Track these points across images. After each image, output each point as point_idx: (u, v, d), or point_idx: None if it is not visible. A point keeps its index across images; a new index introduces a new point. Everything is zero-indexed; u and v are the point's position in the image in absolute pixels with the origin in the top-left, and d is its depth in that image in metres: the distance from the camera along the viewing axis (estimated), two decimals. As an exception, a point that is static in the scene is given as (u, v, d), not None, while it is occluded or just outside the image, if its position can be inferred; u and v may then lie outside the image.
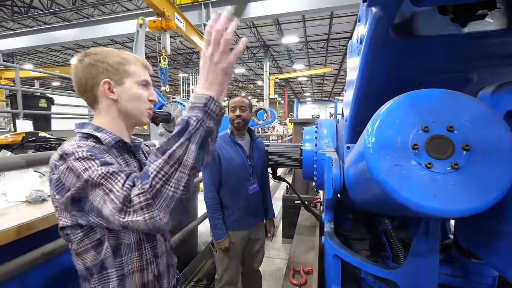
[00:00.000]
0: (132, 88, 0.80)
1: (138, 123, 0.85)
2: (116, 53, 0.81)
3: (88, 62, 0.77)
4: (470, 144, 0.59)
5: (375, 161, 0.65)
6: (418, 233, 1.00)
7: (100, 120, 0.80)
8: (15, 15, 11.99)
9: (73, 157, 0.66)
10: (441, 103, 0.64)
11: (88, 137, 0.77)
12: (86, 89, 0.78)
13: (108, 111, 0.80)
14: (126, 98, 0.80)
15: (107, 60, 0.77)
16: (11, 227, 0.89)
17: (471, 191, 0.57)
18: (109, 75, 0.77)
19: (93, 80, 0.77)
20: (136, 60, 0.83)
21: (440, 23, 0.85)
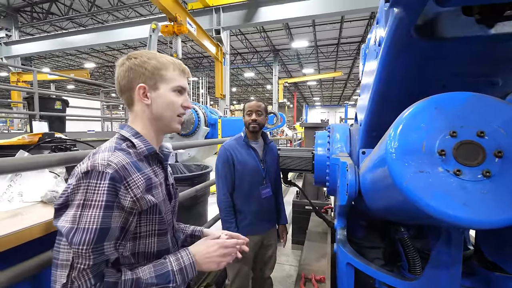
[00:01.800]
0: (165, 94, 0.81)
1: (168, 129, 0.86)
2: (156, 57, 0.81)
3: (128, 65, 0.79)
4: (503, 150, 0.56)
5: (398, 167, 0.62)
6: (438, 244, 0.95)
7: (136, 123, 0.82)
8: (34, 21, 12.46)
9: (94, 181, 0.66)
10: (470, 107, 0.61)
11: (125, 140, 0.78)
12: (124, 91, 0.81)
13: (142, 115, 0.81)
14: (159, 104, 0.80)
15: (145, 65, 0.79)
16: (26, 227, 0.90)
17: (505, 201, 0.54)
18: (145, 80, 0.79)
19: (130, 83, 0.79)
20: (174, 65, 0.83)
21: (465, 24, 0.82)
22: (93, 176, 0.67)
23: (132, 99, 0.81)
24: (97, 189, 0.66)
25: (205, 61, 19.31)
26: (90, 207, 0.65)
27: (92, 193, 0.66)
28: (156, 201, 0.77)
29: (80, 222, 0.64)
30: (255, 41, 16.18)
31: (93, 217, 0.65)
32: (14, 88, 7.28)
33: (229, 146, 1.72)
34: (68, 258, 0.63)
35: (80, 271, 0.63)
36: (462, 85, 0.97)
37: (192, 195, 1.99)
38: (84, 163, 0.70)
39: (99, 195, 0.66)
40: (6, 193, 1.05)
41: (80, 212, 0.64)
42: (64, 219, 0.65)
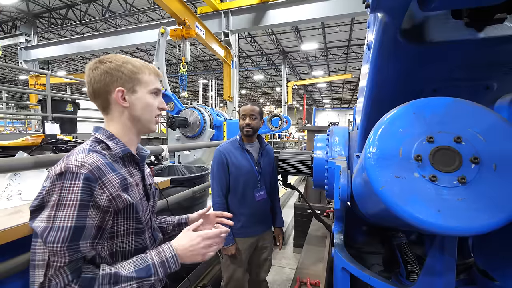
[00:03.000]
0: (143, 97, 0.83)
1: (146, 130, 0.88)
2: (130, 61, 0.83)
3: (103, 69, 0.79)
4: (480, 157, 0.55)
5: (375, 172, 0.62)
6: (432, 250, 0.93)
7: (112, 126, 0.83)
8: (52, 26, 12.98)
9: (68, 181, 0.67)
10: (449, 112, 0.60)
11: (100, 142, 0.79)
12: (99, 95, 0.81)
13: (120, 117, 0.82)
14: (137, 106, 0.82)
15: (121, 69, 0.80)
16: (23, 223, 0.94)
17: (481, 208, 0.53)
18: (123, 83, 0.80)
19: (107, 87, 0.79)
20: (148, 69, 0.85)
21: (453, 28, 0.81)
22: (67, 177, 0.68)
23: (108, 102, 0.81)
24: (72, 189, 0.67)
25: (214, 64, 19.51)
26: (64, 207, 0.66)
27: (67, 193, 0.67)
28: (132, 201, 0.78)
29: (54, 222, 0.65)
30: (264, 44, 16.23)
31: (67, 216, 0.65)
32: (28, 91, 7.58)
33: (224, 149, 1.74)
34: (44, 258, 0.64)
35: (57, 269, 0.64)
36: (454, 89, 0.95)
37: (189, 196, 2.02)
38: (58, 166, 0.71)
39: (74, 195, 0.67)
40: (5, 191, 1.10)
41: (54, 212, 0.65)
42: (39, 219, 0.66)
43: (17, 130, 16.92)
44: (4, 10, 11.82)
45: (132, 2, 11.55)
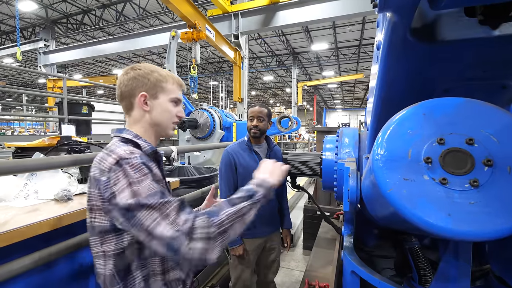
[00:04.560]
0: (163, 103, 0.90)
1: (163, 134, 0.94)
2: (157, 70, 0.90)
3: (132, 75, 0.87)
4: (493, 159, 0.53)
5: (383, 174, 0.61)
6: (446, 255, 0.90)
7: (134, 127, 0.89)
8: (68, 31, 13.45)
9: (129, 165, 0.72)
10: (460, 113, 0.58)
11: (127, 142, 0.83)
12: (125, 97, 0.88)
13: (141, 119, 0.89)
14: (156, 111, 0.89)
15: (148, 76, 0.87)
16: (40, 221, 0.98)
17: (494, 212, 0.51)
18: (147, 89, 0.87)
19: (132, 91, 0.87)
20: (173, 79, 0.92)
21: (467, 26, 0.78)
22: (125, 162, 0.72)
23: (131, 104, 0.88)
24: (135, 168, 0.72)
25: (224, 66, 19.65)
26: (139, 182, 0.70)
27: (134, 172, 0.71)
28: None
29: (140, 194, 0.69)
30: (274, 45, 16.22)
31: (147, 186, 0.71)
32: (47, 93, 7.88)
33: (232, 150, 1.75)
34: (156, 217, 0.68)
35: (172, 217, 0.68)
36: (467, 89, 0.92)
37: (198, 196, 2.04)
38: (106, 160, 0.74)
39: (140, 171, 0.72)
40: (22, 190, 1.15)
41: (135, 189, 0.69)
42: (123, 202, 0.68)
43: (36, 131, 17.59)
44: (25, 17, 12.34)
45: (144, 6, 11.81)
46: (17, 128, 19.98)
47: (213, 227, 0.70)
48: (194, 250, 0.67)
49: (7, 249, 0.95)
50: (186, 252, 0.66)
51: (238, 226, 0.76)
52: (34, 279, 1.09)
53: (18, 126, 20.61)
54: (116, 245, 0.76)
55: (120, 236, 0.76)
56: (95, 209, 0.76)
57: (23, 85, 24.07)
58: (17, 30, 8.70)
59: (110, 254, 0.76)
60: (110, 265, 0.77)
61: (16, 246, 0.96)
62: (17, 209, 1.12)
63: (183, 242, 0.66)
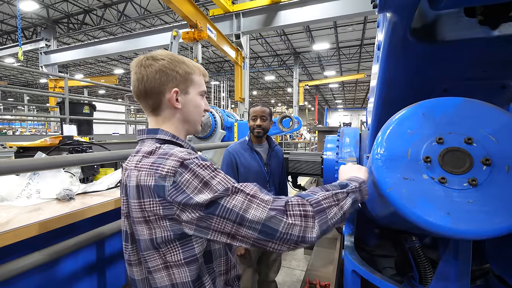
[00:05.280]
0: (194, 98, 0.82)
1: (193, 131, 0.87)
2: (184, 60, 0.81)
3: (158, 68, 0.76)
4: (492, 158, 0.53)
5: (383, 173, 0.61)
6: (446, 254, 0.91)
7: (165, 127, 0.80)
8: (70, 31, 13.50)
9: (195, 165, 0.67)
10: (459, 112, 0.59)
11: (164, 143, 0.76)
12: (151, 94, 0.77)
13: (171, 118, 0.80)
14: (189, 107, 0.81)
15: (176, 69, 0.77)
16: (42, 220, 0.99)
17: (492, 211, 0.51)
18: (178, 84, 0.78)
19: (162, 87, 0.76)
20: (199, 69, 0.84)
21: (466, 26, 0.79)
22: (189, 163, 0.66)
23: (160, 102, 0.78)
24: (203, 167, 0.67)
25: (226, 65, 19.65)
26: (213, 178, 0.66)
27: (202, 170, 0.66)
28: None
29: (218, 186, 0.65)
30: (275, 45, 16.22)
31: (222, 178, 0.67)
32: (48, 93, 7.91)
33: (233, 150, 1.76)
34: (243, 199, 0.64)
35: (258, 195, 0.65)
36: (467, 89, 0.92)
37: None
38: (165, 165, 0.67)
39: (209, 168, 0.67)
40: (25, 190, 1.17)
41: (210, 186, 0.64)
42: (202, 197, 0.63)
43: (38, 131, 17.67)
44: (26, 16, 12.39)
45: (146, 6, 11.83)
46: (18, 128, 20.08)
47: (309, 205, 0.65)
48: (294, 227, 0.62)
49: (9, 248, 0.96)
50: (285, 230, 0.61)
51: (336, 211, 0.69)
52: (35, 278, 1.10)
53: (19, 126, 20.72)
54: (184, 253, 0.69)
55: (189, 243, 0.70)
56: (153, 219, 0.68)
57: (24, 85, 24.17)
58: (19, 30, 8.73)
59: (177, 264, 0.70)
60: (176, 275, 0.70)
61: (18, 245, 0.97)
62: (20, 208, 1.13)
63: (281, 219, 0.62)
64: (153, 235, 0.69)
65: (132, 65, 0.78)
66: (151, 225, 0.68)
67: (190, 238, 0.69)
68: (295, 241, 0.62)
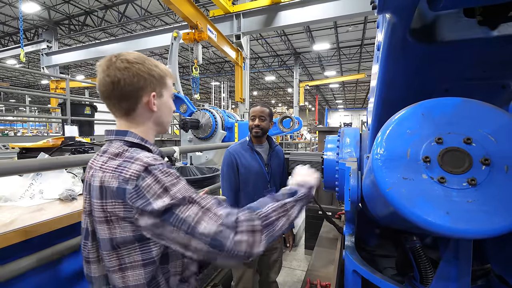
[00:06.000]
0: (168, 101, 0.85)
1: (163, 131, 0.90)
2: (156, 64, 0.81)
3: (135, 71, 0.75)
4: (491, 158, 0.54)
5: (382, 173, 0.62)
6: (446, 254, 0.91)
7: (136, 129, 0.80)
8: (71, 33, 13.55)
9: (159, 171, 0.67)
10: (458, 112, 0.59)
11: (132, 146, 0.76)
12: (127, 98, 0.77)
13: (145, 121, 0.81)
14: (163, 110, 0.83)
15: (152, 73, 0.78)
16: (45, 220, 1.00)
17: (491, 211, 0.52)
18: (154, 88, 0.79)
19: (140, 91, 0.77)
20: (169, 73, 0.86)
21: (465, 26, 0.79)
22: (153, 168, 0.67)
23: (136, 105, 0.78)
24: (166, 173, 0.68)
25: (226, 66, 19.68)
26: (174, 185, 0.66)
27: (165, 177, 0.67)
28: None
29: (176, 195, 0.65)
30: (275, 45, 16.23)
31: (183, 187, 0.68)
32: (49, 94, 7.94)
33: (233, 150, 1.77)
34: (196, 211, 0.64)
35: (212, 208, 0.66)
36: (467, 89, 0.93)
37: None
38: (130, 168, 0.68)
39: (171, 175, 0.68)
40: (28, 190, 1.18)
41: (171, 193, 0.65)
42: (159, 203, 0.64)
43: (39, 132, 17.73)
44: (28, 18, 12.44)
45: (146, 7, 11.87)
46: (20, 129, 20.14)
47: (258, 219, 0.67)
48: (241, 244, 0.64)
49: (12, 248, 0.97)
50: (232, 247, 0.63)
51: (284, 222, 0.73)
52: (37, 278, 1.11)
53: (21, 127, 20.79)
54: (143, 255, 0.71)
55: (148, 246, 0.71)
56: (114, 220, 0.69)
57: (26, 86, 24.25)
58: (21, 32, 8.76)
59: (134, 265, 0.70)
60: (134, 276, 0.71)
61: (22, 245, 0.98)
62: (23, 209, 1.13)
63: (228, 236, 0.63)
64: (113, 235, 0.70)
65: (101, 65, 0.76)
66: (112, 225, 0.69)
67: (148, 241, 0.71)
68: (243, 256, 0.65)
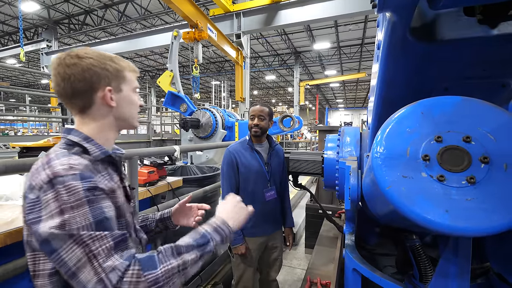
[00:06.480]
0: (128, 95, 0.80)
1: (129, 127, 0.85)
2: (111, 57, 0.77)
3: (86, 66, 0.71)
4: (490, 156, 0.54)
5: (382, 172, 0.62)
6: (446, 252, 0.91)
7: (87, 127, 0.75)
8: (71, 32, 13.54)
9: (63, 187, 0.60)
10: (457, 111, 0.59)
11: (74, 145, 0.72)
12: (79, 94, 0.72)
13: (102, 117, 0.77)
14: (123, 105, 0.79)
15: (106, 67, 0.74)
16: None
17: (490, 209, 0.52)
18: (110, 82, 0.75)
19: (91, 85, 0.72)
20: (129, 66, 0.82)
21: (465, 25, 0.79)
22: (59, 182, 0.61)
23: (91, 102, 0.74)
24: (70, 191, 0.60)
25: (227, 65, 19.67)
26: (72, 209, 0.60)
27: (68, 196, 0.60)
28: (118, 204, 0.73)
29: (70, 224, 0.59)
30: (276, 44, 16.21)
31: (82, 214, 0.60)
32: (50, 94, 7.94)
33: (233, 149, 1.77)
34: (80, 257, 0.58)
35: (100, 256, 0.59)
36: (467, 88, 0.93)
37: (201, 195, 2.06)
38: (39, 174, 0.63)
39: (75, 195, 0.60)
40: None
41: (65, 217, 0.59)
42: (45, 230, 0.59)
43: (39, 132, 17.75)
44: (27, 17, 12.43)
45: (146, 6, 11.85)
46: (20, 129, 20.16)
47: (143, 283, 0.59)
48: None
49: (13, 246, 0.97)
50: None
51: (178, 281, 0.65)
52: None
53: (21, 127, 20.81)
54: (47, 264, 0.66)
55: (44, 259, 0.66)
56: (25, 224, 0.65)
57: (26, 86, 24.26)
58: (20, 31, 8.76)
59: (45, 273, 0.66)
60: (41, 286, 0.67)
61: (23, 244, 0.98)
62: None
63: None
64: (28, 237, 0.67)
65: (52, 63, 0.73)
66: (25, 227, 0.67)
67: None
68: None
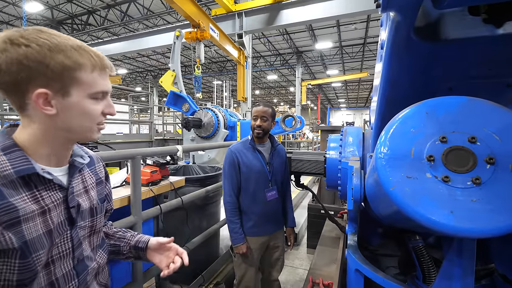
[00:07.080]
0: (80, 103, 0.60)
1: (82, 139, 0.65)
2: (63, 48, 0.56)
3: (17, 57, 0.52)
4: (496, 157, 0.53)
5: (386, 172, 0.61)
6: (450, 253, 0.91)
7: (28, 130, 0.60)
8: (74, 32, 13.61)
9: None
10: (463, 111, 0.59)
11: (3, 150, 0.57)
12: (9, 90, 0.56)
13: (40, 123, 0.59)
14: (70, 114, 0.59)
15: (47, 61, 0.54)
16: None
17: (496, 210, 0.51)
18: (47, 83, 0.55)
19: (22, 85, 0.55)
20: (91, 62, 0.60)
21: (470, 24, 0.78)
22: None
23: (23, 101, 0.57)
24: None
25: (228, 65, 19.68)
26: None
27: None
28: (20, 241, 0.55)
29: None
30: (277, 44, 16.19)
31: None
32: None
33: (235, 149, 1.77)
34: None
35: None
36: (472, 88, 0.92)
37: (203, 195, 2.07)
38: None
39: None
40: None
41: None
42: None
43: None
44: (31, 18, 12.51)
45: (148, 7, 11.89)
46: (24, 128, 20.24)
47: None
48: None
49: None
50: None
51: None
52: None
53: (25, 126, 20.87)
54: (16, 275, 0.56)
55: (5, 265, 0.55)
56: None
57: (30, 86, 24.36)
58: (24, 31, 8.80)
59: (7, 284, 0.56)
60: None
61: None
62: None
63: None
64: None
65: None
66: None
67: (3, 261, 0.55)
68: None
